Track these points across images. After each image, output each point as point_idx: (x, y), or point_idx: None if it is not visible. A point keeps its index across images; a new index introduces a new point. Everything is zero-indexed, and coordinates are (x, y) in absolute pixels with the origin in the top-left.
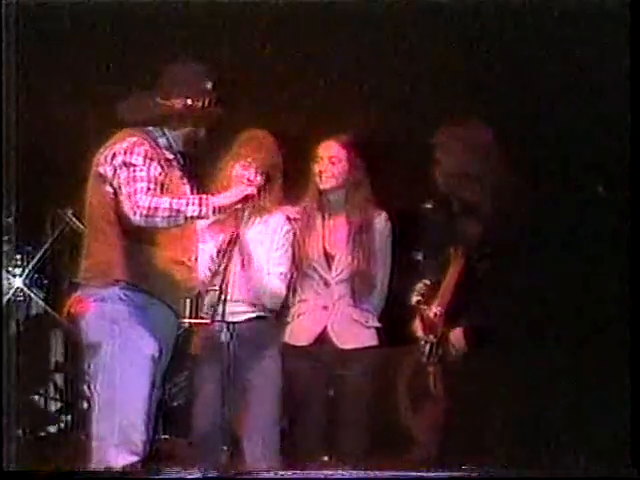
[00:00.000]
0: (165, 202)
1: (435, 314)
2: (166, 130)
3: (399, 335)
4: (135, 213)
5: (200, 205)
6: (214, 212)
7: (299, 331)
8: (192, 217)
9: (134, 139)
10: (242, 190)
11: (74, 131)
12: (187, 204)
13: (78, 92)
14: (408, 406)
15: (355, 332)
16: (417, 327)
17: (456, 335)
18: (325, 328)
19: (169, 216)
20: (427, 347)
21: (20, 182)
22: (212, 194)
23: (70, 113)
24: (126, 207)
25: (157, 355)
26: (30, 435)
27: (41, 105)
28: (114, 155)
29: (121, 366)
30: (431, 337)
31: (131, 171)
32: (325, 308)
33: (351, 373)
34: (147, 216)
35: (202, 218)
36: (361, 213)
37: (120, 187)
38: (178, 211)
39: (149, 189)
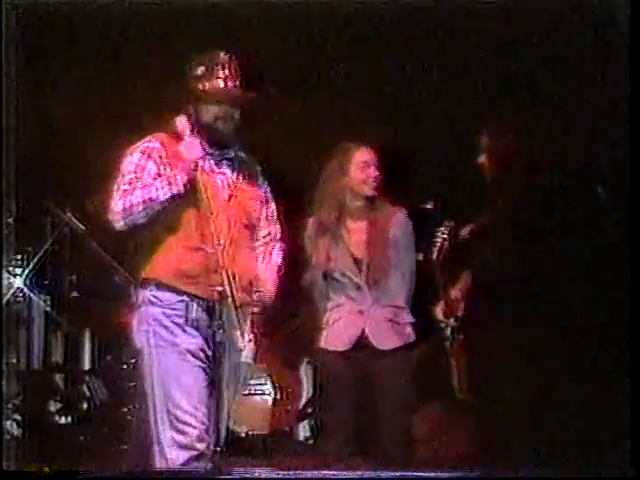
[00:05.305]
0: (137, 197)
1: (456, 297)
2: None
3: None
4: (117, 221)
5: (170, 184)
6: (185, 184)
7: (336, 336)
8: (166, 199)
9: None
10: (195, 149)
11: (74, 131)
12: (157, 189)
13: (78, 92)
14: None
15: (392, 332)
16: (439, 311)
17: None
18: (363, 331)
19: (144, 208)
20: (448, 330)
21: (20, 182)
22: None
23: (70, 113)
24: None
25: (198, 348)
26: (30, 435)
27: (41, 105)
28: None
29: (162, 366)
30: (452, 321)
31: (118, 181)
32: (361, 312)
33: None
34: (125, 218)
35: (177, 196)
36: (383, 214)
37: None
38: (150, 199)
39: (125, 192)
